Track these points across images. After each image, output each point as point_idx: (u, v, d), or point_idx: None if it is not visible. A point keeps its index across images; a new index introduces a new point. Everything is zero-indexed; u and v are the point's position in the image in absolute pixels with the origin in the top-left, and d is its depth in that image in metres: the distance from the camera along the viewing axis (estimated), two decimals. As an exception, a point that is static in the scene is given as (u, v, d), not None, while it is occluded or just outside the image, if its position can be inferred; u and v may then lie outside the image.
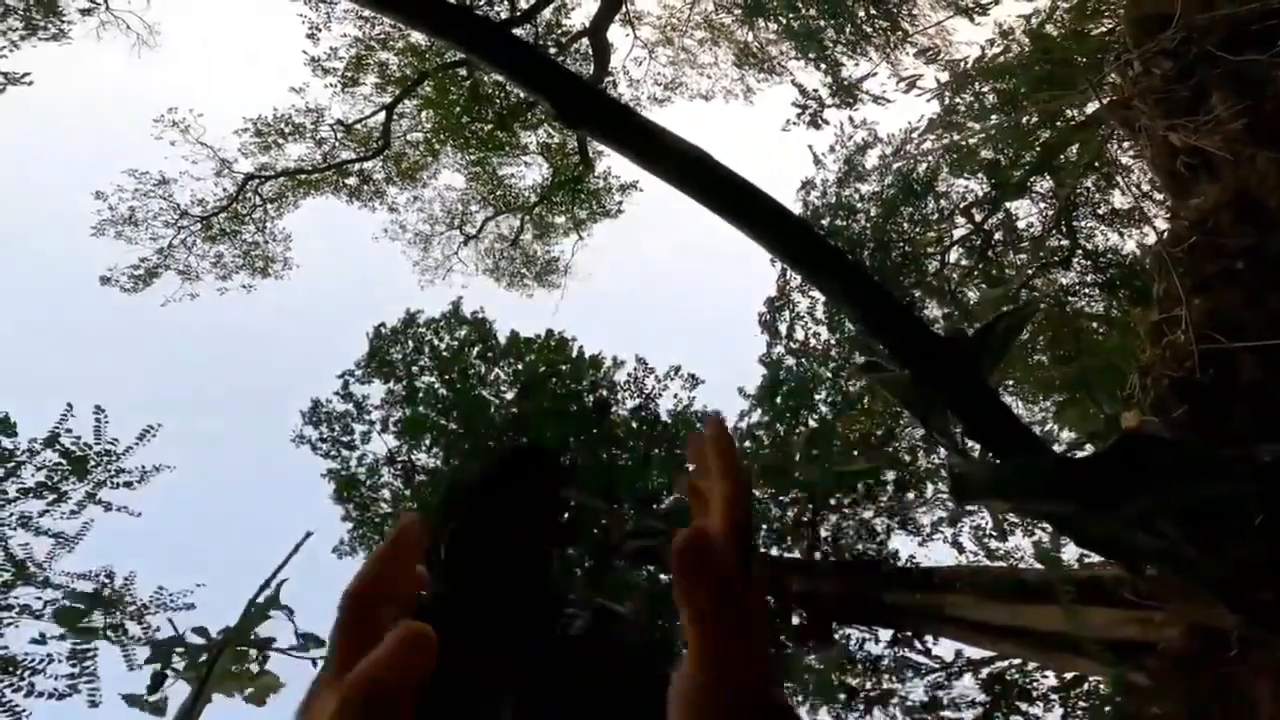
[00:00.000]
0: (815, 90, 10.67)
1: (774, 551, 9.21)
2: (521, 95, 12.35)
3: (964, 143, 9.23)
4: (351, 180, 12.83)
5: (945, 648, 8.03)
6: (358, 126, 12.46)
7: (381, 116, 12.40)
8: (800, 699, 8.21)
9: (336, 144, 12.44)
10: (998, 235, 10.87)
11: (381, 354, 8.16)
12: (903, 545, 9.47)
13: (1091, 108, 7.49)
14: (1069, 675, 7.32)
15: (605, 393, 8.23)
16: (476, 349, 8.26)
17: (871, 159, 10.79)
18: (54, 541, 4.62)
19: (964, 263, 11.03)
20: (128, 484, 4.78)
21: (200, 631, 5.06)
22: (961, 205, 10.66)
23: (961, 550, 9.53)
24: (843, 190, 10.97)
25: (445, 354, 8.14)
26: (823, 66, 10.94)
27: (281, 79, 12.09)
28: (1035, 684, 7.60)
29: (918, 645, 8.17)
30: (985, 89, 8.50)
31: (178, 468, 5.06)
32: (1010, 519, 8.59)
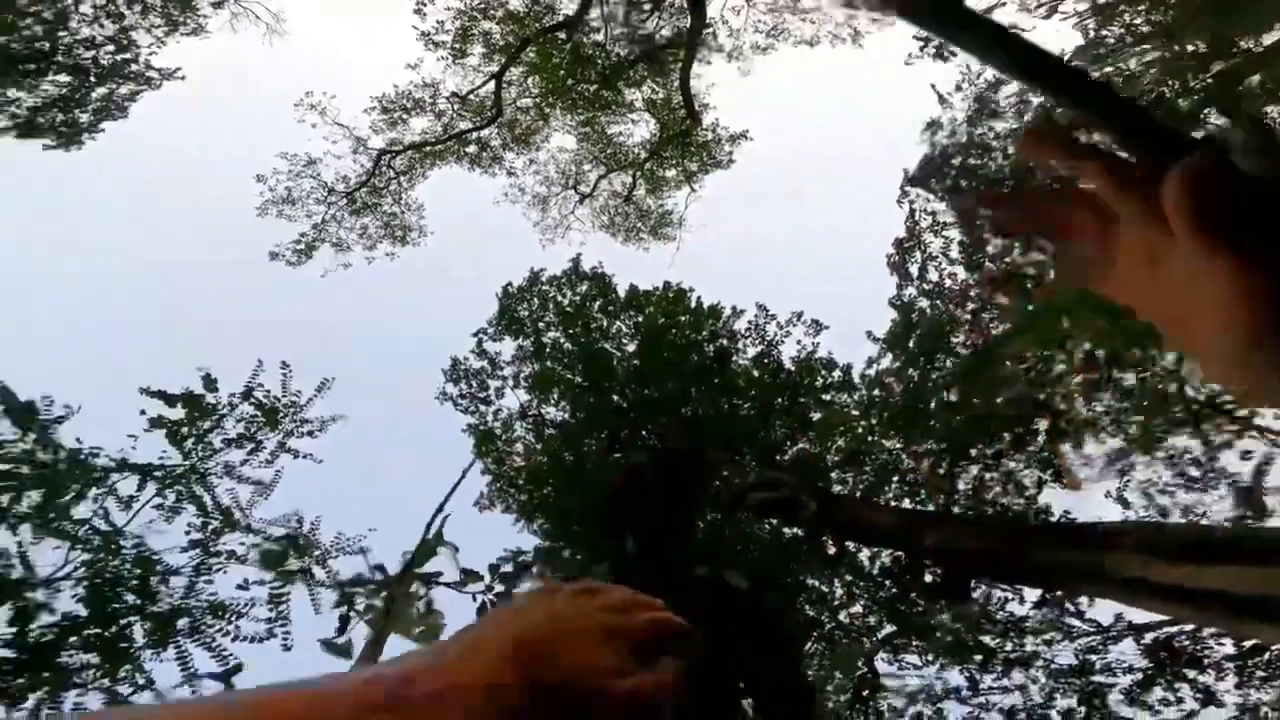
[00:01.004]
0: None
1: (905, 503, 8.80)
2: (623, 54, 12.36)
3: (1117, 71, 8.06)
4: (471, 149, 13.46)
5: (1103, 610, 7.48)
6: (471, 97, 13.01)
7: (491, 85, 12.86)
8: (930, 657, 8.02)
9: (454, 115, 13.05)
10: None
11: (510, 312, 8.57)
12: (1057, 500, 8.75)
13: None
14: (1249, 643, 6.55)
15: (725, 342, 8.14)
16: (597, 303, 8.45)
17: (1007, 93, 10.12)
18: (253, 489, 5.29)
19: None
20: (310, 433, 5.38)
21: (378, 569, 5.63)
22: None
23: (1126, 505, 8.79)
24: (975, 128, 10.29)
25: (568, 309, 8.41)
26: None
27: (398, 55, 12.73)
28: (1208, 651, 7.03)
29: (1069, 606, 7.64)
30: (1137, 17, 7.30)
31: (349, 416, 5.57)
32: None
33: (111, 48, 9.83)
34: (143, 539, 4.72)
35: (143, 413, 4.91)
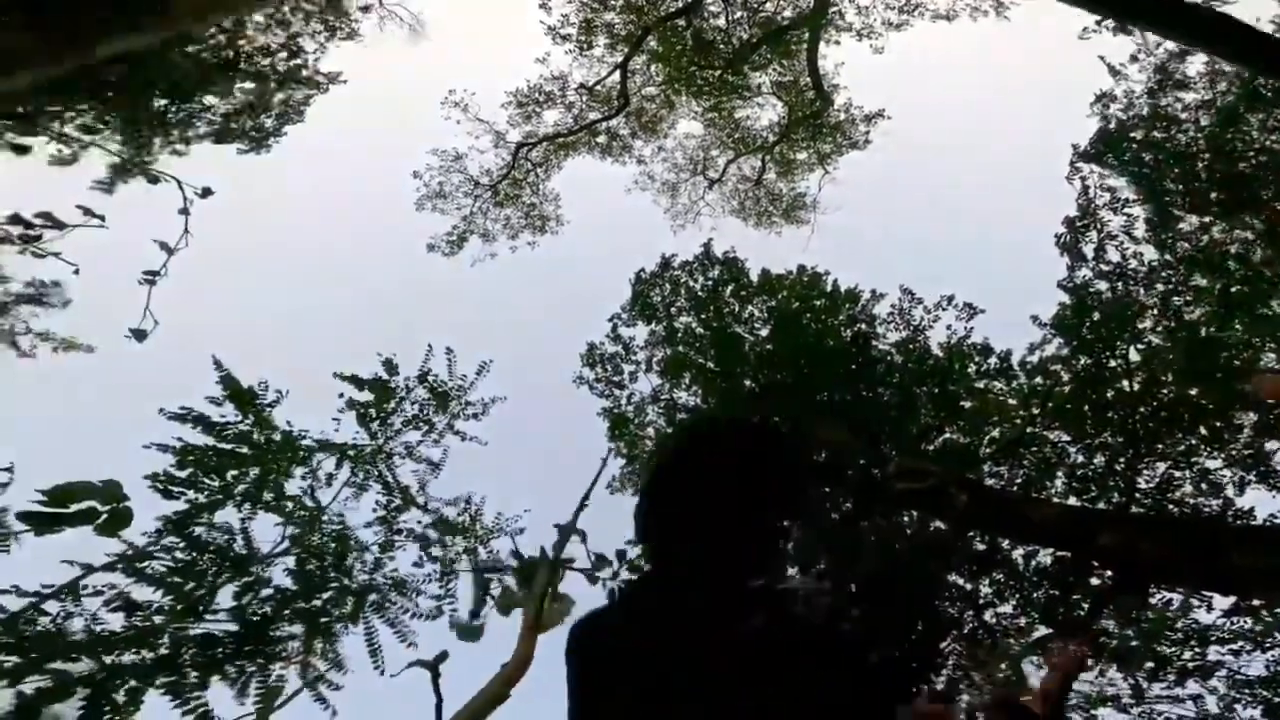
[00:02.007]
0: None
1: (1071, 500, 8.01)
2: (746, 37, 12.06)
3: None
4: (601, 138, 13.80)
5: None
6: (598, 88, 13.31)
7: (617, 76, 13.07)
8: (1089, 663, 7.33)
9: (583, 106, 13.42)
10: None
11: (643, 297, 8.73)
12: (1261, 502, 7.63)
13: None
14: None
15: (864, 327, 7.77)
16: (729, 288, 8.39)
17: (1195, 65, 9.40)
18: (426, 469, 5.75)
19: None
20: (474, 415, 5.82)
21: (515, 554, 5.97)
22: None
23: (1346, 511, 7.49)
24: (1157, 100, 9.63)
25: (700, 294, 8.43)
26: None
27: (527, 49, 13.25)
28: None
29: (1265, 616, 6.91)
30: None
31: (509, 399, 5.93)
32: None
33: (284, 55, 10.91)
34: (342, 515, 5.32)
35: (340, 395, 5.56)
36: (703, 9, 12.30)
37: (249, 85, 10.46)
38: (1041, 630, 7.73)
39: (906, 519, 7.81)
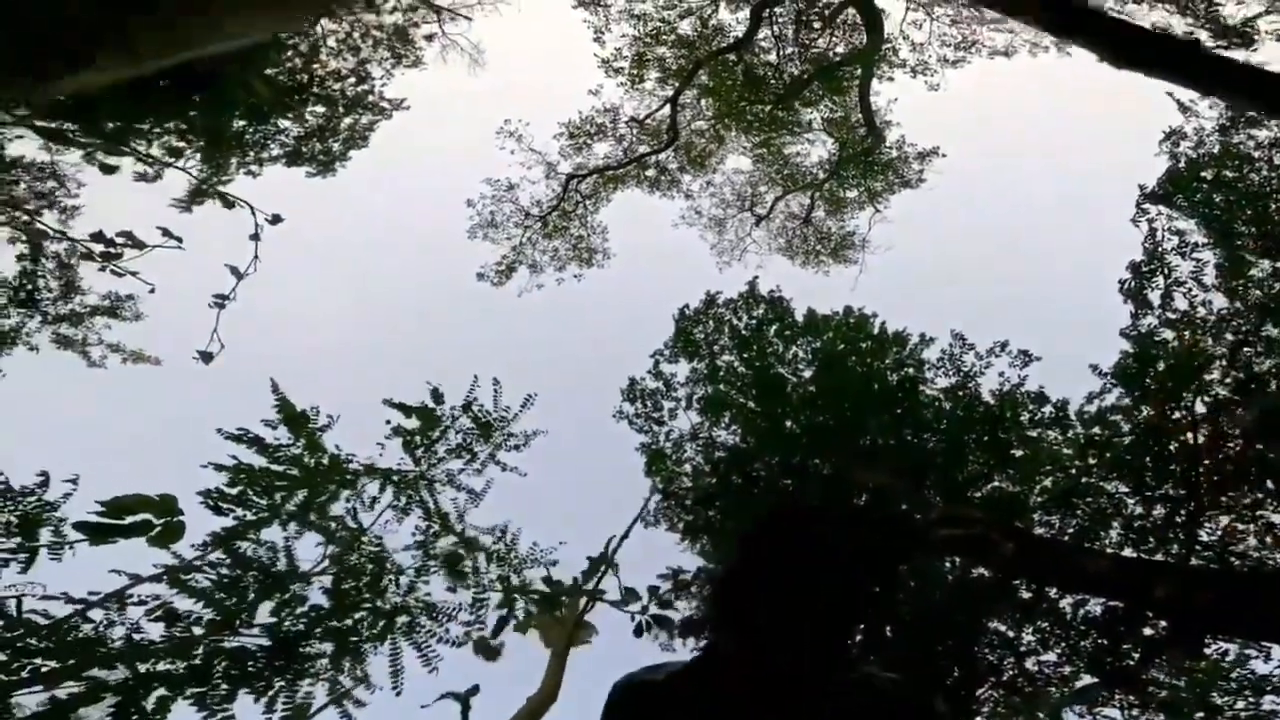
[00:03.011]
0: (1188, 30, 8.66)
1: (1128, 551, 7.65)
2: (797, 72, 12.11)
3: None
4: (650, 172, 13.93)
5: None
6: (648, 121, 13.47)
7: (667, 109, 13.23)
8: (1136, 712, 7.13)
9: (633, 140, 13.59)
10: None
11: (686, 334, 8.73)
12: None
13: None
14: None
15: (912, 370, 7.59)
16: (774, 327, 8.32)
17: None
18: (466, 497, 5.80)
19: None
20: (516, 446, 5.87)
21: (547, 581, 5.93)
22: None
23: None
24: (1229, 137, 9.29)
25: (744, 333, 8.38)
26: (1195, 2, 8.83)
27: (580, 81, 13.54)
28: None
29: None
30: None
31: (549, 432, 5.97)
32: None
33: (353, 80, 11.29)
34: (381, 539, 5.41)
35: (388, 422, 5.69)
36: (754, 44, 12.42)
37: (319, 109, 10.76)
38: (1087, 679, 7.53)
39: (949, 565, 7.59)
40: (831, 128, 12.86)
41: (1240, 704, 6.78)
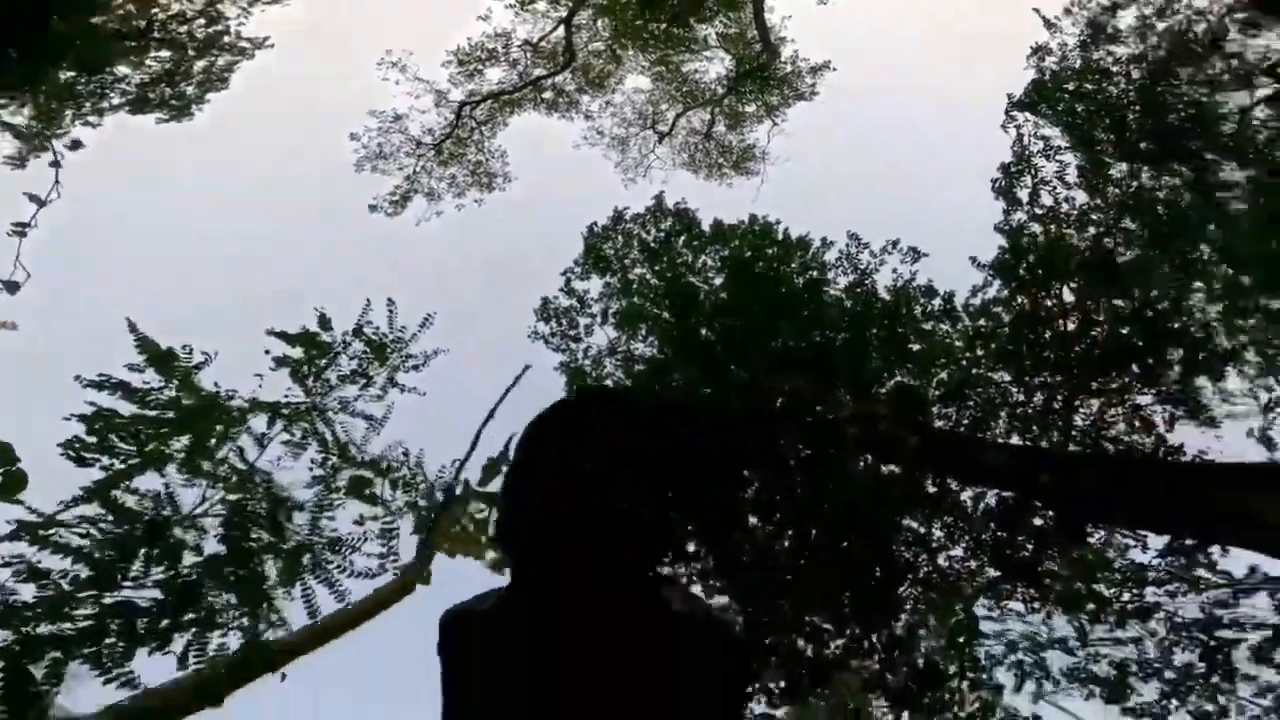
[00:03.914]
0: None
1: (1015, 440, 8.27)
2: None
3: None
4: (547, 95, 13.48)
5: (1236, 561, 6.89)
6: (543, 44, 13.00)
7: (561, 31, 12.75)
8: (1035, 605, 7.54)
9: (528, 64, 13.09)
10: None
11: (596, 251, 8.61)
12: (1190, 438, 7.97)
13: None
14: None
15: (815, 273, 7.80)
16: (682, 239, 8.30)
17: (1128, 18, 9.89)
18: (366, 424, 5.56)
19: (1274, 124, 9.05)
20: (415, 367, 5.62)
21: (447, 489, 5.78)
22: (1266, 64, 8.78)
23: (1272, 446, 7.93)
24: (1090, 53, 10.02)
25: (653, 245, 8.32)
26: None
27: (468, 6, 12.80)
28: None
29: (1200, 556, 7.07)
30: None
31: (450, 350, 5.74)
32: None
33: (202, 21, 10.26)
34: (270, 475, 5.08)
35: (267, 352, 5.28)
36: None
37: (164, 54, 9.96)
38: (992, 572, 7.80)
39: (862, 464, 7.92)
40: (728, 44, 12.86)
41: (1126, 595, 7.24)
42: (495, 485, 5.63)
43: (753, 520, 7.33)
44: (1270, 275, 8.01)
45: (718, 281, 7.92)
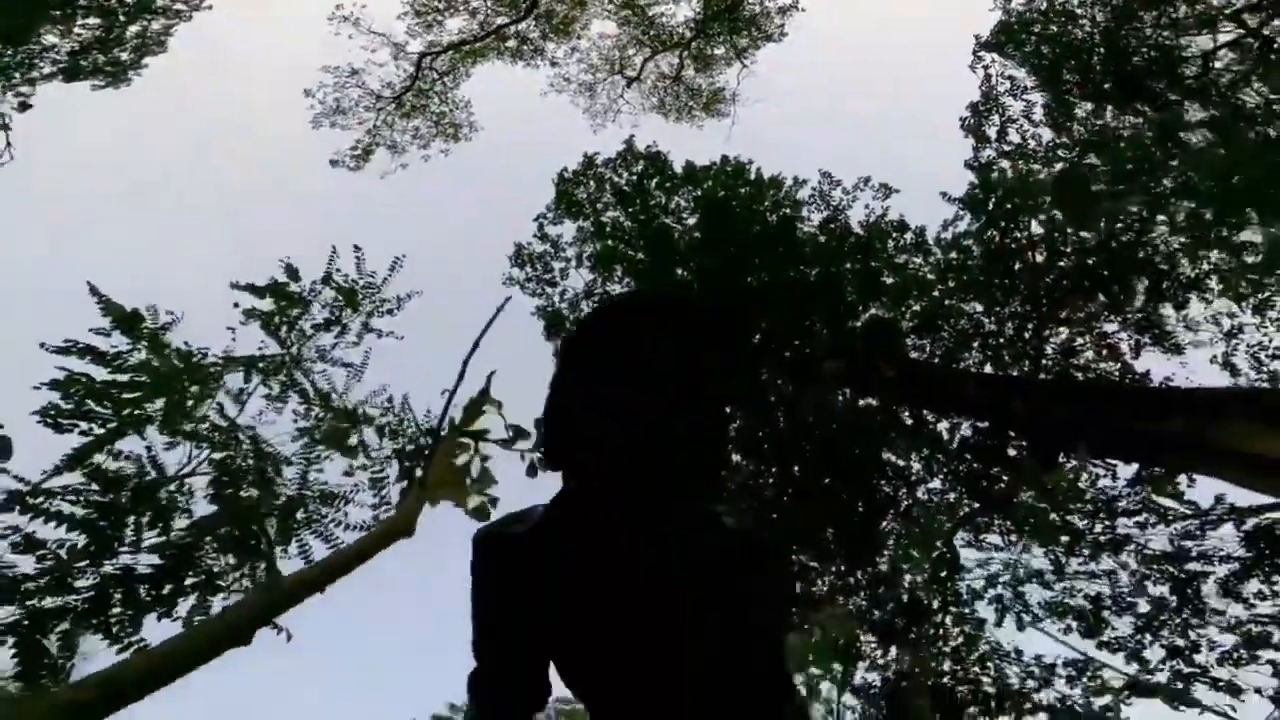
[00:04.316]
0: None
1: (988, 369, 8.45)
2: None
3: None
4: (511, 43, 13.04)
5: (1202, 491, 6.99)
6: None
7: None
8: (1014, 538, 7.76)
9: (489, 12, 12.61)
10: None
11: (568, 196, 8.50)
12: (1156, 365, 8.19)
13: None
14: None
15: (788, 211, 7.80)
16: (655, 181, 8.22)
17: None
18: (346, 372, 5.52)
19: (1236, 68, 9.05)
20: (389, 311, 5.56)
21: (430, 433, 5.78)
22: (1229, 8, 8.68)
23: (1235, 373, 8.21)
24: None
25: (626, 188, 8.23)
26: None
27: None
28: None
29: (1167, 486, 7.17)
30: None
31: (424, 291, 5.68)
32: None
33: None
34: (254, 430, 5.04)
35: (235, 305, 5.18)
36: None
37: (93, 21, 9.50)
38: (969, 505, 7.98)
39: (840, 398, 8.04)
40: (695, -16, 12.45)
41: (1098, 528, 7.33)
42: (479, 424, 5.67)
43: (736, 457, 7.45)
44: (1229, 209, 8.14)
45: (691, 221, 7.90)
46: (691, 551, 1.04)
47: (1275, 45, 9.12)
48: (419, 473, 5.19)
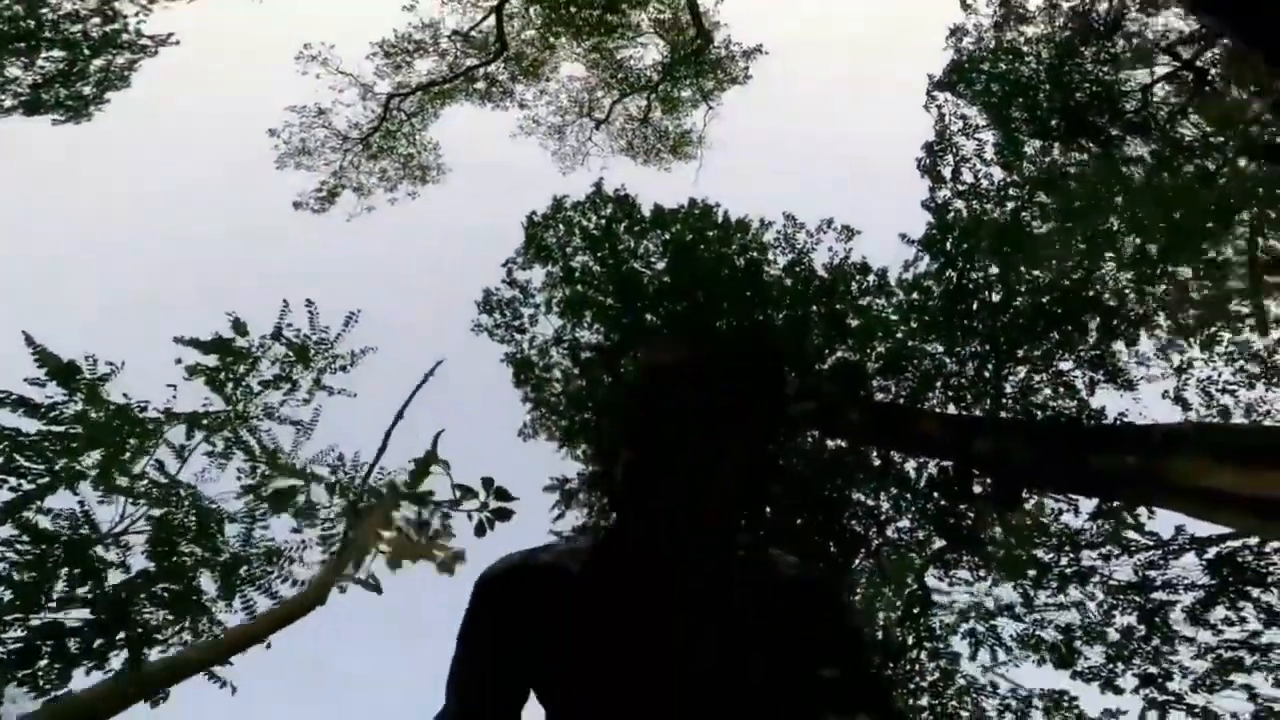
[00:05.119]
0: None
1: (951, 409, 8.56)
2: None
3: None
4: (480, 85, 13.20)
5: (1163, 523, 7.10)
6: (473, 34, 12.72)
7: (492, 20, 12.52)
8: (983, 573, 7.78)
9: (458, 54, 12.79)
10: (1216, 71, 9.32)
11: (536, 240, 8.46)
12: (1110, 402, 8.38)
13: None
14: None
15: (755, 254, 7.89)
16: (623, 225, 8.25)
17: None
18: (295, 429, 5.33)
19: (1173, 100, 9.64)
20: (343, 368, 5.39)
21: (373, 492, 5.64)
22: (1164, 42, 9.35)
23: (1186, 407, 8.45)
24: (1003, 33, 10.45)
25: (594, 232, 8.24)
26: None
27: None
28: (1273, 568, 6.59)
29: (1128, 518, 7.31)
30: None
31: (379, 348, 5.54)
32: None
33: (98, 20, 9.69)
34: (195, 488, 4.81)
35: (178, 361, 4.96)
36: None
37: (57, 54, 9.41)
38: (939, 542, 8.04)
39: (808, 439, 8.06)
40: (661, 30, 12.85)
41: (1064, 560, 7.40)
42: (426, 485, 5.51)
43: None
44: (1173, 244, 8.47)
45: (660, 266, 7.94)
46: (743, 576, 1.12)
47: (1208, 77, 9.69)
48: (349, 536, 5.00)
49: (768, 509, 7.66)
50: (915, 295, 8.18)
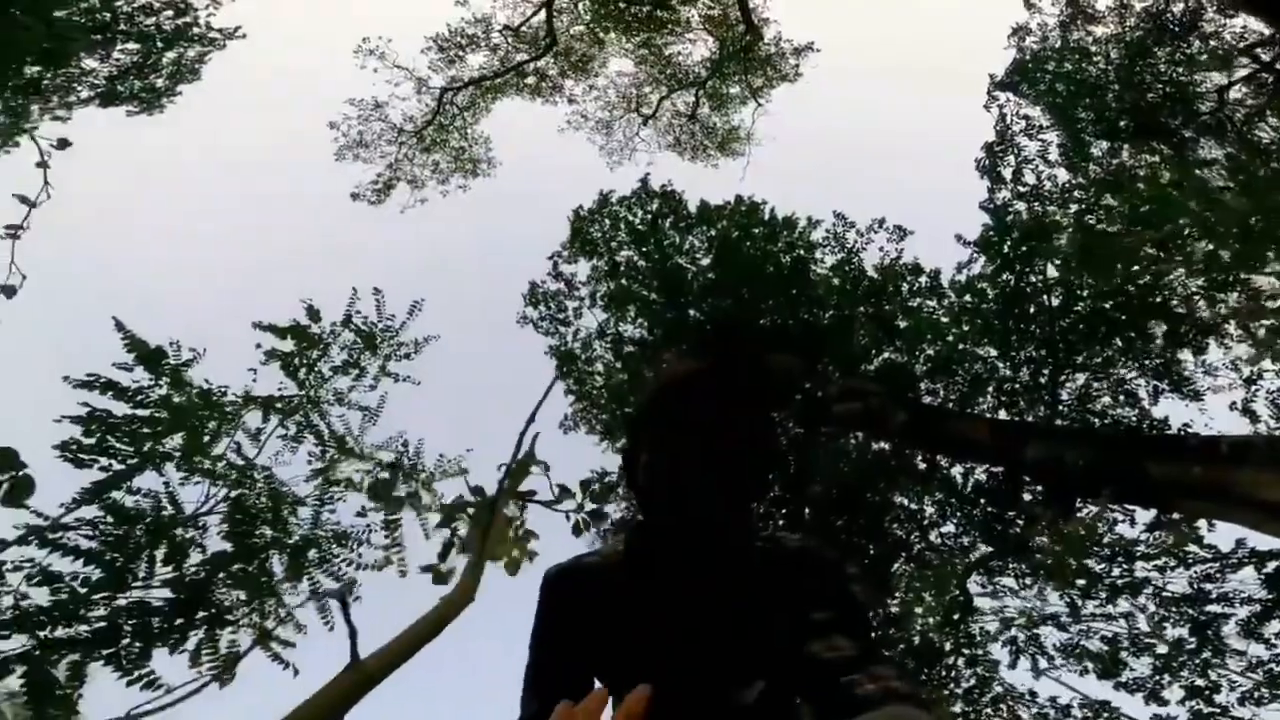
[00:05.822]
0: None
1: (1002, 414, 8.36)
2: None
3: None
4: (530, 80, 13.38)
5: (1223, 535, 7.02)
6: (523, 29, 12.87)
7: (543, 15, 12.65)
8: (1029, 581, 7.68)
9: (509, 48, 12.97)
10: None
11: (582, 234, 8.57)
12: (1175, 411, 8.04)
13: None
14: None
15: (802, 253, 7.84)
16: (669, 220, 8.30)
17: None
18: (362, 415, 5.59)
19: (1250, 102, 9.16)
20: (407, 355, 5.63)
21: (477, 491, 5.88)
22: (1242, 44, 8.90)
23: (1255, 419, 8.06)
24: (1069, 34, 10.23)
25: (640, 228, 8.32)
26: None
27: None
28: None
29: (1186, 530, 7.06)
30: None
31: (441, 336, 5.75)
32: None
33: (170, 13, 10.11)
34: (271, 470, 5.09)
35: (257, 346, 5.26)
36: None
37: (132, 46, 9.83)
38: (983, 549, 7.95)
39: (852, 440, 8.00)
40: (711, 26, 12.76)
41: (1115, 571, 7.24)
42: (524, 486, 5.73)
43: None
44: (1248, 250, 8.05)
45: (705, 262, 7.96)
46: (754, 554, 1.21)
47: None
48: (476, 541, 5.23)
49: (806, 510, 7.67)
50: (969, 297, 8.00)
